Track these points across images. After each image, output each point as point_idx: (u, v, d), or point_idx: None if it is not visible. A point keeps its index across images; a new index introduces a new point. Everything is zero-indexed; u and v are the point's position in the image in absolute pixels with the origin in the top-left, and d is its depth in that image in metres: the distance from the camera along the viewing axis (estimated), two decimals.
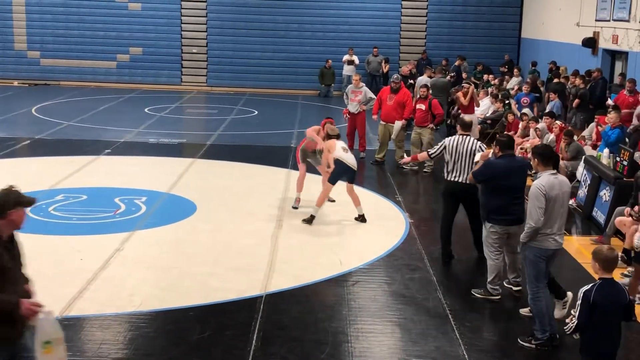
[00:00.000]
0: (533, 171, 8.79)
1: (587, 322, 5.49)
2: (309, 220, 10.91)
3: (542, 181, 7.02)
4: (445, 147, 9.44)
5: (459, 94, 16.13)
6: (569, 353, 6.94)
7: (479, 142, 9.47)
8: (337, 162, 10.88)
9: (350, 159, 11.00)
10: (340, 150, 10.98)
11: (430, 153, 9.97)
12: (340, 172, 10.98)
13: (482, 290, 8.45)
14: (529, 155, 10.30)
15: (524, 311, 7.87)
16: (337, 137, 11.27)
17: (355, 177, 11.30)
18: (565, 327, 5.67)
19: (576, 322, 5.54)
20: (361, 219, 11.11)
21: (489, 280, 8.38)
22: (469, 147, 9.26)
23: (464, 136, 9.47)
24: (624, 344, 6.07)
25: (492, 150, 8.92)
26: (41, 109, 21.43)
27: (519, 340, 7.31)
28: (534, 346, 7.18)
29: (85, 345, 7.08)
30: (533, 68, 23.29)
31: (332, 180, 11.03)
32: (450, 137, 9.62)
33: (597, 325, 5.50)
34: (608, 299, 5.49)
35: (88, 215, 11.01)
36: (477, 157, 9.05)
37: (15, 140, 16.57)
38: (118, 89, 26.24)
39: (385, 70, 25.41)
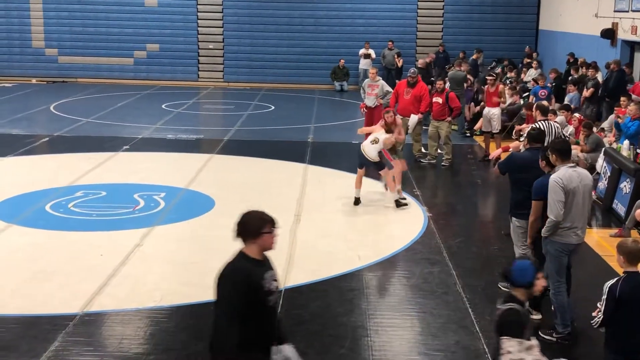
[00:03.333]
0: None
1: (613, 316, 5.44)
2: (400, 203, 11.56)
3: (560, 174, 6.96)
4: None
5: (486, 87, 15.99)
6: (594, 347, 6.89)
7: (558, 125, 10.45)
8: (359, 151, 11.51)
9: (368, 151, 11.38)
10: (368, 141, 11.51)
11: (522, 141, 10.66)
12: (361, 160, 11.51)
13: (508, 284, 8.35)
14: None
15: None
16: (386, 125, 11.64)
17: (378, 166, 11.51)
18: (591, 321, 5.62)
19: (602, 316, 5.49)
20: (396, 203, 11.51)
21: None
22: (554, 131, 10.03)
23: (546, 121, 10.31)
24: None
25: (522, 143, 9.07)
26: (59, 106, 21.57)
27: (539, 333, 7.27)
28: (554, 339, 7.14)
29: (106, 340, 7.13)
30: (536, 57, 23.12)
31: (358, 164, 11.62)
32: (537, 123, 10.30)
33: (623, 319, 5.43)
34: (634, 292, 5.42)
35: (107, 212, 11.07)
36: (511, 147, 9.41)
37: (34, 138, 16.69)
38: (135, 86, 26.33)
39: (399, 65, 25.32)
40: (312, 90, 26.18)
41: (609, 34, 19.15)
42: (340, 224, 10.83)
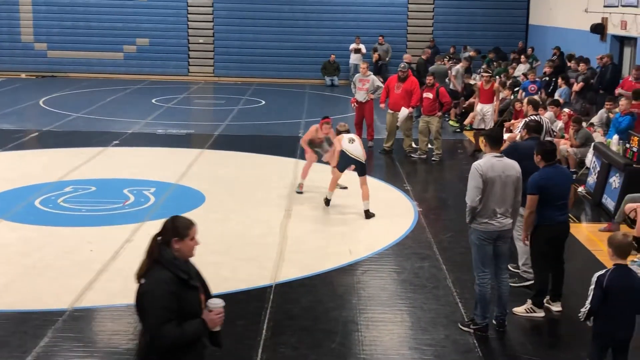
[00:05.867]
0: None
1: (600, 309, 5.46)
2: (326, 202, 11.24)
3: (482, 162, 7.08)
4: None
5: (480, 83, 16.08)
6: (580, 340, 6.93)
7: (547, 120, 10.73)
8: (342, 153, 10.87)
9: (354, 150, 10.87)
10: (346, 142, 10.94)
11: (520, 132, 10.83)
12: (346, 162, 10.95)
13: (515, 279, 8.35)
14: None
15: (518, 310, 7.69)
16: (347, 131, 11.26)
17: (364, 168, 11.03)
18: (578, 314, 5.65)
19: (589, 307, 5.51)
20: (366, 214, 10.88)
21: (521, 263, 8.35)
22: (545, 126, 10.12)
23: (537, 116, 10.40)
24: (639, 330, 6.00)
25: (519, 134, 9.16)
26: (49, 100, 21.47)
27: (459, 324, 7.31)
28: (472, 331, 7.18)
29: (96, 336, 7.13)
30: (532, 53, 23.16)
31: (340, 168, 11.05)
32: (529, 118, 10.40)
33: (610, 312, 5.46)
34: (621, 284, 5.45)
35: (97, 207, 11.04)
36: (505, 136, 9.33)
37: (23, 133, 16.61)
38: (125, 80, 26.25)
39: (375, 59, 25.22)
40: (303, 85, 26.16)
41: (599, 29, 19.21)
42: (331, 219, 10.84)
